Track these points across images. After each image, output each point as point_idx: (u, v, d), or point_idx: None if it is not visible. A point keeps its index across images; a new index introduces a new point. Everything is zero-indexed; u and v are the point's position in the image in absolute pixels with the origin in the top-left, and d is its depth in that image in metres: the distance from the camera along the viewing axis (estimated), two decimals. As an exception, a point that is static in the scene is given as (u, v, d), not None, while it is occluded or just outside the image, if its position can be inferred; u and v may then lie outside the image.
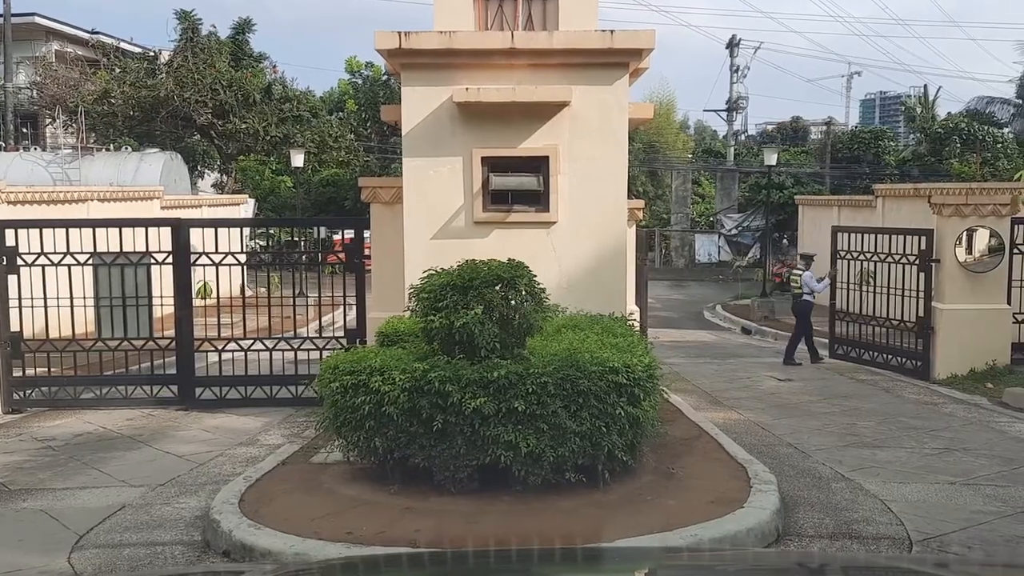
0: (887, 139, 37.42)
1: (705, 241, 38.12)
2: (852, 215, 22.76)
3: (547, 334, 6.66)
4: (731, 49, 37.60)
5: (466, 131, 8.79)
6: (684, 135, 54.63)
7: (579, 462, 5.63)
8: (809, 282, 14.85)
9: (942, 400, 11.04)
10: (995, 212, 12.50)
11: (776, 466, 7.15)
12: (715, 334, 20.68)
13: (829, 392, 11.70)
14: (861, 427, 9.16)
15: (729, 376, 13.29)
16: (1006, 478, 6.95)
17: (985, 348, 12.41)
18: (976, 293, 12.54)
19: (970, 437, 8.69)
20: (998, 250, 12.54)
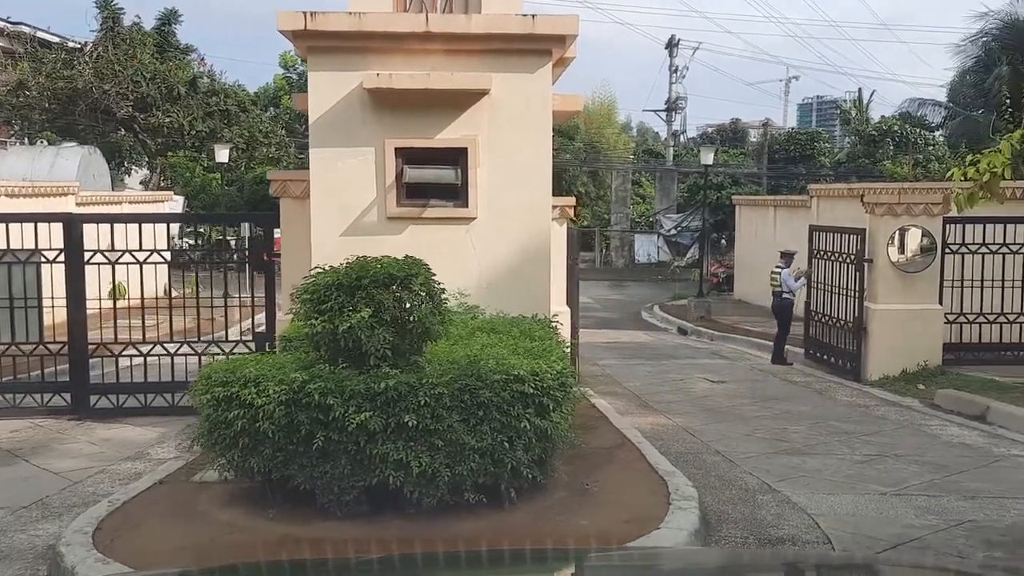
0: (822, 141, 37.81)
1: (645, 241, 38.03)
2: (788, 215, 22.73)
3: (458, 338, 6.15)
4: (670, 49, 37.59)
5: (378, 120, 8.22)
6: (626, 136, 54.61)
7: (480, 481, 5.11)
8: (787, 280, 14.62)
9: (874, 403, 10.82)
10: (927, 212, 12.36)
11: (701, 477, 6.75)
12: (652, 334, 20.41)
13: (761, 394, 11.41)
14: (792, 432, 8.84)
15: (662, 378, 12.95)
16: (938, 487, 6.65)
17: (917, 349, 12.26)
18: (908, 293, 12.39)
19: (902, 442, 8.43)
20: (930, 250, 12.41)
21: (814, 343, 14.22)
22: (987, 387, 10.70)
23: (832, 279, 13.50)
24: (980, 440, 8.51)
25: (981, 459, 7.69)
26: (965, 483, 6.78)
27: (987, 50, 25.99)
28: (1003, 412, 9.38)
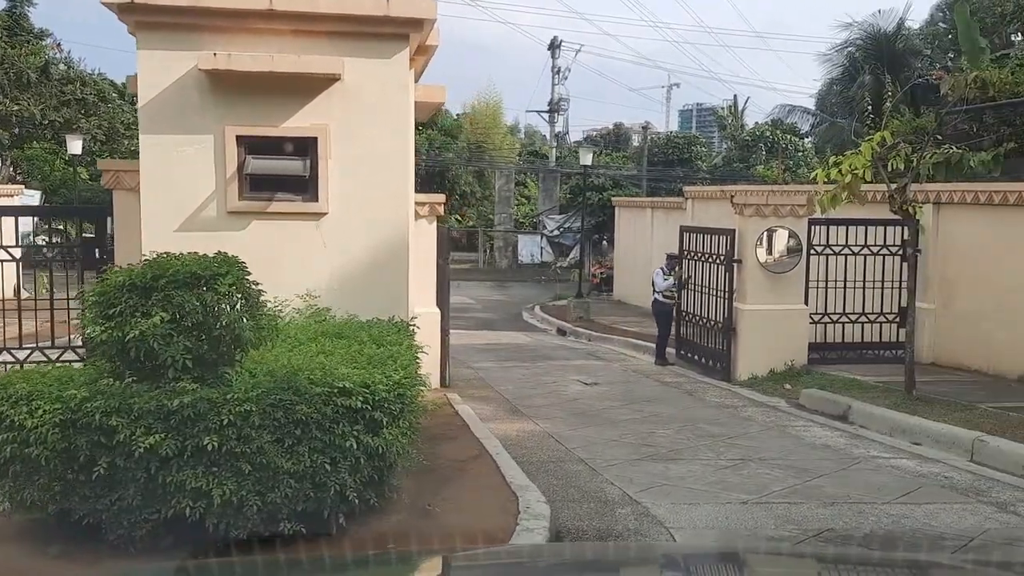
0: (699, 145, 38.71)
1: (528, 242, 37.96)
2: (665, 216, 22.92)
3: (295, 345, 5.56)
4: (552, 51, 37.66)
5: (218, 105, 7.52)
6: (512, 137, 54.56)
7: (299, 508, 4.57)
8: (655, 280, 14.56)
9: (742, 403, 10.79)
10: (793, 213, 12.49)
11: (561, 488, 6.40)
12: (531, 336, 20.16)
13: (633, 396, 11.24)
14: (659, 436, 8.63)
15: (536, 381, 12.63)
16: (799, 493, 6.51)
17: (784, 349, 12.37)
18: (776, 293, 12.49)
19: (767, 445, 8.33)
20: (796, 251, 12.55)
21: (686, 344, 14.25)
22: (849, 386, 10.83)
23: (703, 280, 13.54)
24: (841, 441, 8.51)
25: (841, 461, 7.65)
26: (825, 488, 6.68)
27: (852, 59, 27.01)
28: (863, 412, 9.45)
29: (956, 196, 12.37)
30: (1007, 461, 7.31)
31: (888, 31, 26.19)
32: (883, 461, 7.64)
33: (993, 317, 11.69)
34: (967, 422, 8.39)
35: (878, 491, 6.60)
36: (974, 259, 12.07)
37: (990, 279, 11.80)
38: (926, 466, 7.46)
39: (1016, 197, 11.24)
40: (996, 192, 11.60)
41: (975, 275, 12.06)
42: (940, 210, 12.76)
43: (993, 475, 7.14)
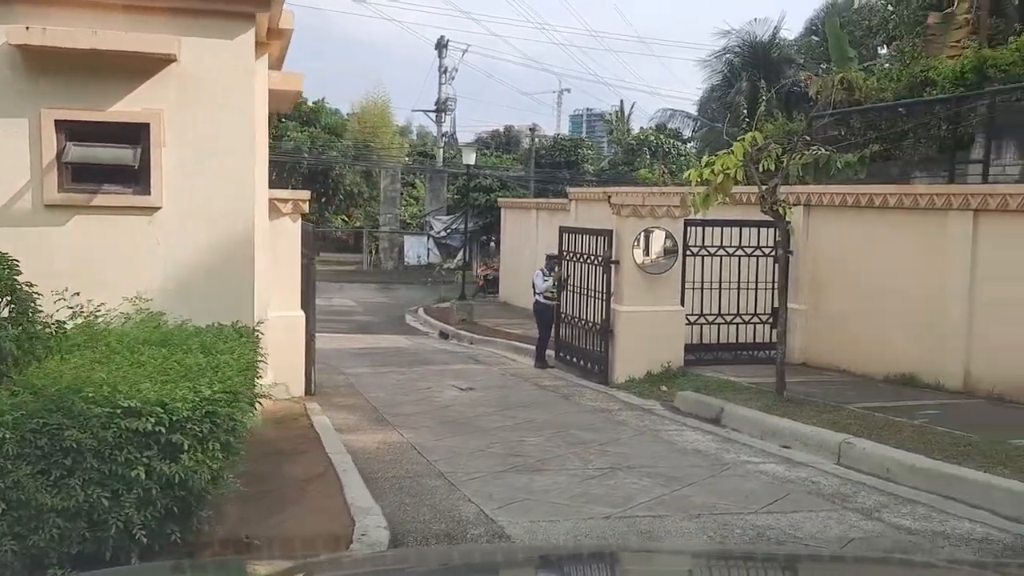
0: (586, 147, 38.94)
1: (415, 243, 37.33)
2: (549, 217, 22.78)
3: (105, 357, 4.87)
4: (440, 50, 37.16)
5: (32, 86, 6.72)
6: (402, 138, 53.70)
7: (73, 550, 3.93)
8: (535, 281, 14.24)
9: (618, 407, 10.57)
10: (669, 214, 12.39)
11: (411, 508, 5.91)
12: (412, 339, 19.61)
13: (508, 402, 10.86)
14: (529, 444, 8.26)
15: (410, 387, 12.11)
16: (665, 505, 6.24)
17: (661, 350, 12.25)
18: (653, 294, 12.37)
19: (638, 451, 8.08)
20: (673, 252, 12.45)
21: (565, 346, 14.01)
22: (723, 388, 10.76)
23: (582, 281, 13.33)
24: (713, 446, 8.34)
25: (712, 468, 7.45)
26: (693, 498, 6.43)
27: (731, 66, 27.63)
28: (735, 414, 9.35)
29: (825, 198, 12.54)
30: (872, 463, 7.26)
31: (764, 40, 26.89)
32: (752, 466, 7.49)
33: (860, 318, 11.87)
34: (835, 424, 8.36)
35: (745, 499, 6.40)
36: (842, 261, 12.25)
37: (857, 280, 11.99)
38: (794, 471, 7.34)
39: (881, 200, 11.44)
40: (862, 195, 11.79)
41: (843, 276, 12.24)
42: (810, 212, 12.92)
43: (859, 478, 7.07)
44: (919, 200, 10.84)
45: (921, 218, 10.88)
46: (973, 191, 10.16)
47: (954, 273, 10.39)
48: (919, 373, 10.83)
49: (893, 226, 11.34)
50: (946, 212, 10.45)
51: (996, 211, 9.76)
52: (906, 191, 11.14)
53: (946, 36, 15.38)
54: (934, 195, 10.65)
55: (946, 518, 6.09)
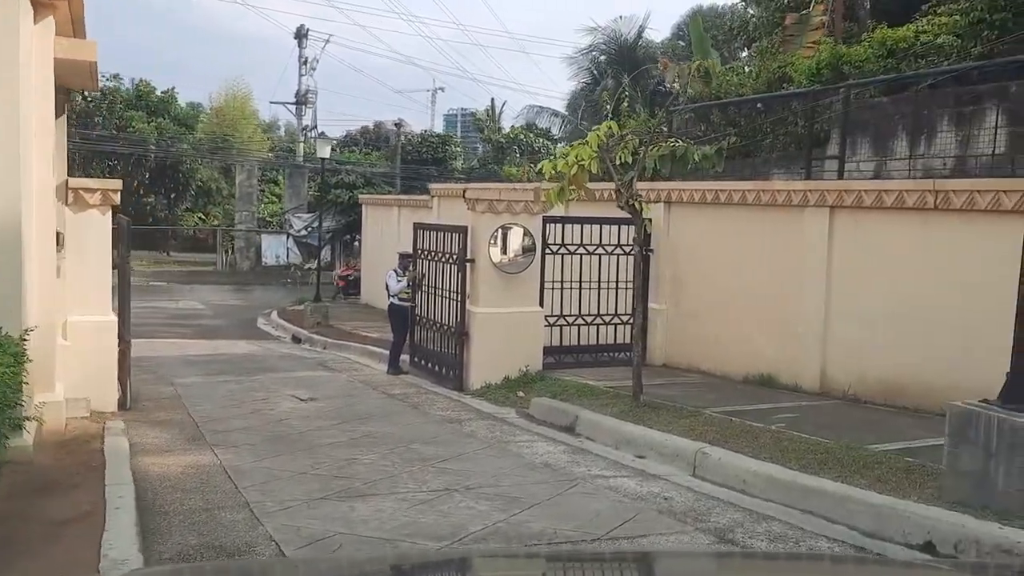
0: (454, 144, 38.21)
1: (273, 242, 35.58)
2: (411, 214, 21.91)
3: None
4: (300, 39, 35.53)
5: None
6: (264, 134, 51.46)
7: None
8: (389, 282, 13.32)
9: (469, 416, 9.81)
10: (527, 210, 11.74)
11: (195, 552, 4.91)
12: (260, 344, 18.29)
13: (350, 413, 9.92)
14: (361, 463, 7.37)
15: (244, 397, 10.97)
16: (500, 534, 5.47)
17: (519, 354, 11.58)
18: (511, 295, 11.69)
19: (482, 467, 7.33)
20: (531, 250, 11.81)
21: (420, 350, 13.17)
22: (580, 392, 10.17)
23: (438, 281, 12.53)
24: (564, 458, 7.69)
25: (559, 484, 6.77)
26: (532, 523, 5.71)
27: (597, 64, 27.49)
28: (590, 422, 8.75)
29: (685, 195, 12.21)
30: (727, 475, 6.77)
31: (629, 38, 26.85)
32: (603, 482, 6.86)
33: (720, 317, 11.57)
34: (691, 431, 7.86)
35: (591, 523, 5.73)
36: (702, 259, 11.93)
37: (717, 279, 11.69)
38: (647, 485, 6.76)
39: (740, 196, 11.16)
40: (721, 191, 11.49)
41: (703, 275, 11.92)
42: (671, 209, 12.57)
43: (715, 492, 6.55)
44: (776, 196, 10.59)
45: (779, 215, 10.64)
46: (829, 187, 9.97)
47: (811, 271, 10.18)
48: (777, 374, 10.58)
49: (752, 223, 11.08)
50: (803, 209, 10.23)
51: (852, 208, 9.57)
52: (764, 187, 10.90)
53: (803, 37, 15.46)
54: (791, 191, 10.42)
55: (802, 536, 5.62)
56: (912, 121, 11.06)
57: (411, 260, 13.46)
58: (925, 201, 8.70)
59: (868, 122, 11.79)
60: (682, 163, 8.73)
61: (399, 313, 13.43)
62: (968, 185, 8.39)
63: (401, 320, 13.40)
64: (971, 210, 8.27)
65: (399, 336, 13.46)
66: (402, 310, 13.38)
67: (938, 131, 10.83)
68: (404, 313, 13.35)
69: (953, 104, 10.66)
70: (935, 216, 8.70)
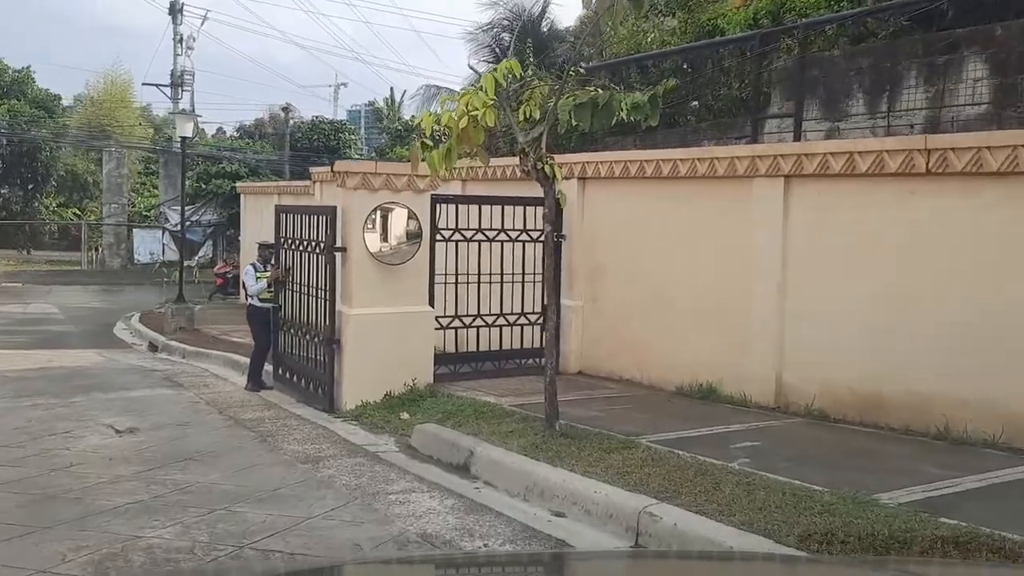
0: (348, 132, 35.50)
1: (147, 238, 32.14)
2: (293, 201, 19.39)
3: None
4: (174, 15, 32.14)
5: None
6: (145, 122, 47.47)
7: None
8: (246, 279, 10.96)
9: (333, 451, 7.48)
10: (411, 186, 9.46)
11: None
12: (109, 354, 15.40)
13: (173, 452, 7.46)
14: (146, 543, 4.98)
15: (39, 431, 8.38)
16: None
17: (404, 364, 9.31)
18: (393, 292, 9.38)
19: (331, 543, 5.02)
20: (417, 236, 9.53)
21: (285, 361, 10.74)
22: (479, 414, 7.97)
23: (304, 275, 10.13)
24: (451, 522, 5.44)
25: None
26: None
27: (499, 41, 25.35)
28: (489, 460, 6.53)
29: (603, 168, 10.15)
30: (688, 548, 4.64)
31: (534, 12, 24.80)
32: (508, 566, 4.66)
33: (647, 315, 9.56)
34: (626, 473, 5.74)
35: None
36: (625, 245, 9.90)
37: (643, 269, 9.68)
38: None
39: (671, 167, 9.14)
40: (647, 161, 9.47)
41: (626, 264, 9.89)
42: (586, 186, 10.50)
43: None
44: (717, 166, 8.59)
45: (721, 189, 8.66)
46: (785, 151, 7.99)
47: (762, 257, 8.22)
48: (720, 384, 8.61)
49: (686, 200, 9.09)
50: (751, 180, 8.26)
51: (814, 176, 7.62)
52: (701, 155, 8.88)
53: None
54: (735, 159, 8.43)
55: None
56: (872, 76, 9.28)
57: (274, 251, 11.01)
58: (913, 164, 6.81)
59: (818, 80, 9.97)
60: (605, 114, 6.60)
61: (260, 317, 10.98)
62: (973, 141, 6.53)
63: (262, 325, 10.94)
64: (977, 173, 6.41)
65: (261, 344, 10.99)
66: (263, 313, 10.92)
67: (904, 87, 9.07)
68: (266, 317, 10.90)
69: (923, 54, 8.91)
70: (926, 183, 6.82)
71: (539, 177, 6.72)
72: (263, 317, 10.92)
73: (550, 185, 6.77)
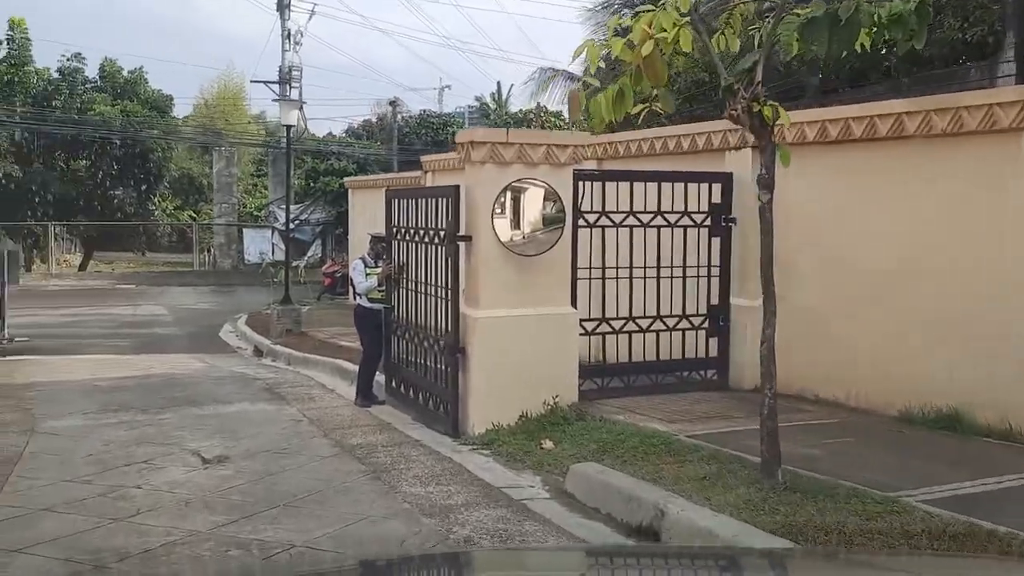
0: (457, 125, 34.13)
1: (257, 238, 31.55)
2: (403, 196, 17.91)
3: None
4: (282, 11, 31.44)
5: None
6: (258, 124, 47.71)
7: None
8: (354, 276, 9.54)
9: (464, 495, 5.77)
10: (550, 159, 7.67)
11: None
12: (209, 359, 14.25)
13: (265, 493, 5.92)
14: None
15: (116, 459, 7.02)
16: None
17: (543, 378, 7.55)
18: (528, 290, 7.63)
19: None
20: (559, 220, 7.74)
21: (398, 372, 9.15)
22: (650, 449, 6.12)
23: (420, 270, 8.50)
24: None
25: None
26: None
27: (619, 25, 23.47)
28: (691, 525, 4.60)
29: (789, 132, 8.09)
30: None
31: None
32: None
33: (855, 319, 7.48)
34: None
35: None
36: (824, 229, 7.86)
37: (849, 260, 7.60)
38: None
39: (891, 125, 7.01)
40: (856, 120, 7.37)
41: (825, 254, 7.83)
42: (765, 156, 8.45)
43: None
44: (965, 119, 6.42)
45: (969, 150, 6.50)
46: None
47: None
48: (969, 409, 6.47)
49: (914, 170, 6.96)
50: (1020, 134, 6.08)
51: None
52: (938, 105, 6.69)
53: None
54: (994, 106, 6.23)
55: None
56: None
57: (380, 241, 9.47)
58: None
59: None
60: (846, 33, 4.61)
61: (370, 319, 9.41)
62: None
63: (373, 329, 9.37)
64: None
65: (371, 352, 9.43)
66: (373, 315, 9.35)
67: None
68: (377, 319, 9.32)
69: None
70: None
71: (753, 125, 4.79)
72: (374, 320, 9.36)
73: (768, 136, 4.82)
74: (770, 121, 4.77)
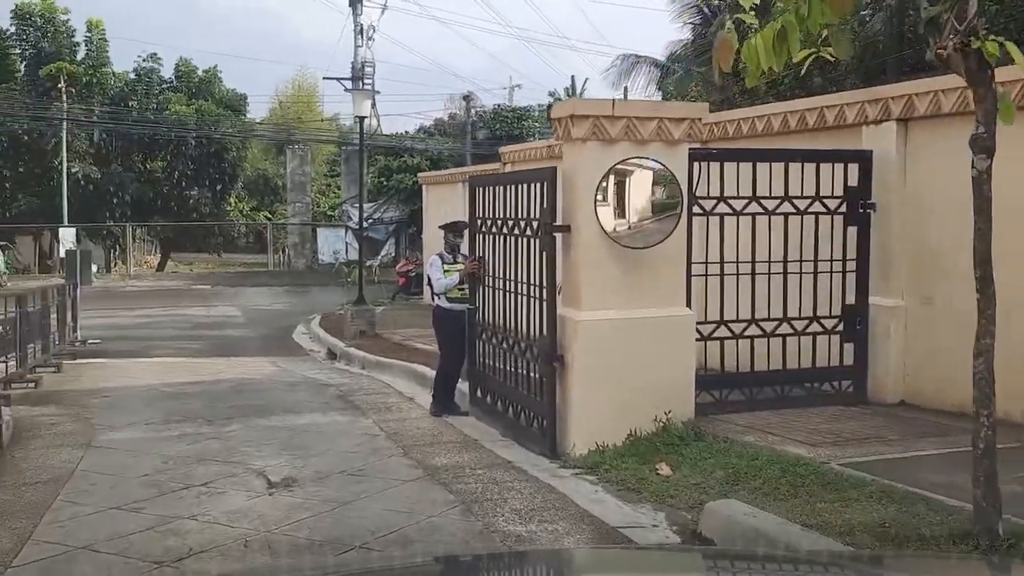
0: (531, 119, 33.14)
1: (330, 237, 31.13)
2: (480, 191, 16.99)
3: None
4: (354, 7, 30.97)
5: None
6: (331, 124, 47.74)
7: None
8: (431, 273, 8.60)
9: (575, 535, 4.75)
10: (662, 135, 6.58)
11: None
12: (281, 363, 13.56)
13: (340, 526, 5.03)
14: None
15: (174, 480, 6.24)
16: None
17: (654, 390, 6.48)
18: (637, 288, 6.58)
19: None
20: (672, 207, 6.66)
21: (483, 380, 8.16)
22: (798, 480, 5.00)
23: (508, 266, 7.51)
24: None
25: None
26: None
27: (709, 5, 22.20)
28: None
29: (946, 101, 6.84)
30: None
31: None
32: None
33: None
34: None
35: None
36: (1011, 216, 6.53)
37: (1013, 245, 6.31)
38: None
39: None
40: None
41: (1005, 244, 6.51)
42: (909, 131, 7.24)
43: None
44: None
45: None
46: None
47: None
48: None
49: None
50: None
51: None
52: None
53: None
54: None
55: None
56: None
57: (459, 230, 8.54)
58: None
59: None
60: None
61: (450, 322, 8.47)
62: None
63: (453, 333, 8.42)
64: None
65: (451, 357, 8.49)
66: (454, 317, 8.40)
67: None
68: (459, 322, 8.37)
69: None
70: None
71: (968, 67, 3.63)
72: (454, 321, 8.41)
73: (988, 82, 3.66)
74: (992, 62, 3.61)
